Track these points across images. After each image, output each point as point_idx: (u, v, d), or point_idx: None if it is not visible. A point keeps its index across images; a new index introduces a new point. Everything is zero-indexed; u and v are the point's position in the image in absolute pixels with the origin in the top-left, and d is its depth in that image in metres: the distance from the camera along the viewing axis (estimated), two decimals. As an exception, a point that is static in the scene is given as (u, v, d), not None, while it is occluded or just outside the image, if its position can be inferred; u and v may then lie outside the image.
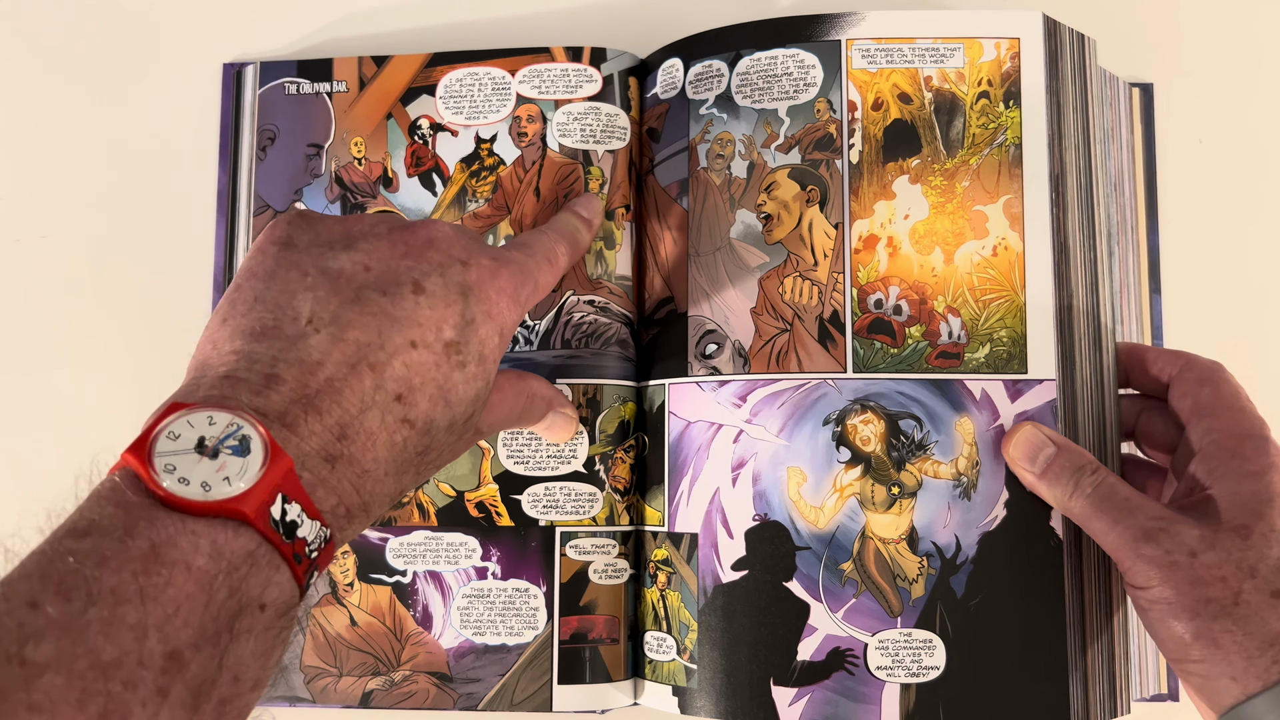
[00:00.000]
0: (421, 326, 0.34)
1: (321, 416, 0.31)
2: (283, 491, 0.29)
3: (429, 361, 0.34)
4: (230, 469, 0.29)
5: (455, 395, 0.35)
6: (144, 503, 0.28)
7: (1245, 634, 0.37)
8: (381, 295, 0.34)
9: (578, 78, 0.52)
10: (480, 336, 0.36)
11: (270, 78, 0.55)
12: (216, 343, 0.34)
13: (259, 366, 0.32)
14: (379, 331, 0.33)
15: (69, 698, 0.24)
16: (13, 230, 0.57)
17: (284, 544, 0.29)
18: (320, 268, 0.35)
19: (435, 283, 0.35)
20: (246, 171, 0.55)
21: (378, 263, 0.35)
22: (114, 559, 0.26)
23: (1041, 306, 0.46)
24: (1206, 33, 0.57)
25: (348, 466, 0.32)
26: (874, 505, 0.46)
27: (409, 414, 0.34)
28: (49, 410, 0.56)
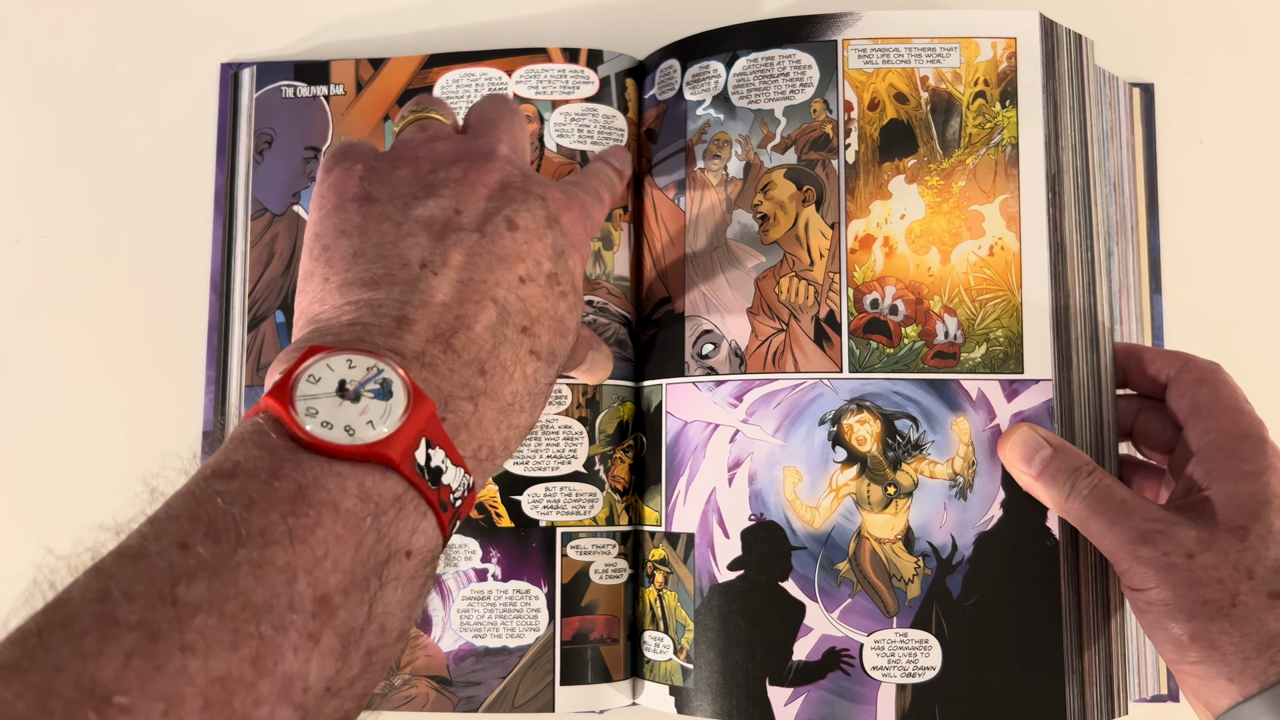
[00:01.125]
0: (524, 261, 0.35)
1: (459, 354, 0.32)
2: (426, 436, 0.29)
3: (538, 294, 0.35)
4: (373, 413, 0.29)
5: (565, 324, 0.36)
6: (288, 446, 0.28)
7: (1242, 635, 0.37)
8: (481, 236, 0.34)
9: (575, 78, 0.52)
10: (570, 266, 0.37)
11: (267, 80, 0.55)
12: (325, 300, 0.34)
13: (385, 310, 0.32)
14: (490, 269, 0.34)
15: (221, 639, 0.24)
16: (12, 230, 0.57)
17: (429, 490, 0.29)
18: (412, 216, 0.35)
19: (525, 218, 0.36)
20: (244, 172, 0.55)
21: (465, 204, 0.35)
22: (261, 501, 0.26)
23: (1038, 306, 0.46)
24: (1206, 33, 0.57)
25: (489, 402, 0.32)
26: (870, 505, 0.46)
27: (534, 345, 0.34)
28: (48, 410, 0.56)
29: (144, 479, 0.29)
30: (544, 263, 0.35)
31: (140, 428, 0.56)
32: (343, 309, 0.33)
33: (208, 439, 0.54)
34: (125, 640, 0.23)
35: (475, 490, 0.32)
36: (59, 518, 0.55)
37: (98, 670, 0.22)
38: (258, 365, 0.53)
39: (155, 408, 0.56)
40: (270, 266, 0.54)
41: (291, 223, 0.54)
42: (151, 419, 0.55)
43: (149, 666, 0.22)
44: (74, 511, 0.55)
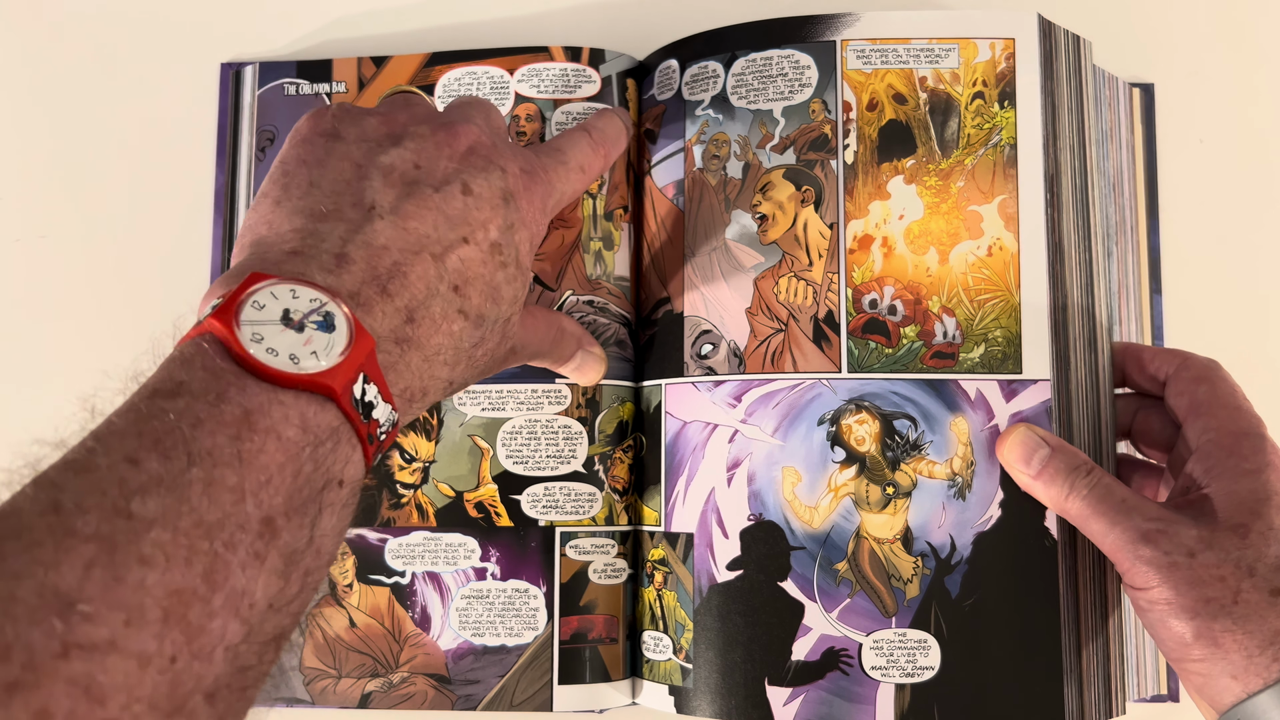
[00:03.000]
0: (470, 225, 0.35)
1: (392, 299, 0.32)
2: (364, 371, 0.30)
3: (478, 259, 0.35)
4: (316, 344, 0.29)
5: (500, 293, 0.36)
6: (233, 369, 0.28)
7: (1245, 633, 0.37)
8: (435, 192, 0.35)
9: (577, 78, 0.52)
10: (517, 240, 0.37)
11: (270, 78, 0.55)
12: (273, 223, 0.34)
13: (327, 245, 0.32)
14: (435, 225, 0.34)
15: (177, 554, 0.24)
16: (12, 230, 0.58)
17: (362, 424, 0.30)
18: (373, 160, 0.36)
19: (481, 186, 0.36)
20: (245, 171, 0.55)
21: (426, 161, 0.36)
22: (208, 421, 0.26)
23: (1036, 306, 0.46)
24: (1206, 33, 0.57)
25: (415, 350, 0.33)
26: (869, 505, 0.46)
27: (464, 305, 0.35)
28: (48, 410, 0.56)
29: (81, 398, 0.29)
30: (491, 230, 0.36)
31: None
32: (286, 235, 0.33)
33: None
34: (83, 551, 0.23)
35: (398, 426, 0.33)
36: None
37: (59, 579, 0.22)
38: None
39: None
40: (272, 264, 0.54)
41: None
42: (152, 419, 0.56)
43: (109, 577, 0.23)
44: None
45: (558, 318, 0.46)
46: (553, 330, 0.45)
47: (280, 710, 0.50)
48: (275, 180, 0.36)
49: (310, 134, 0.37)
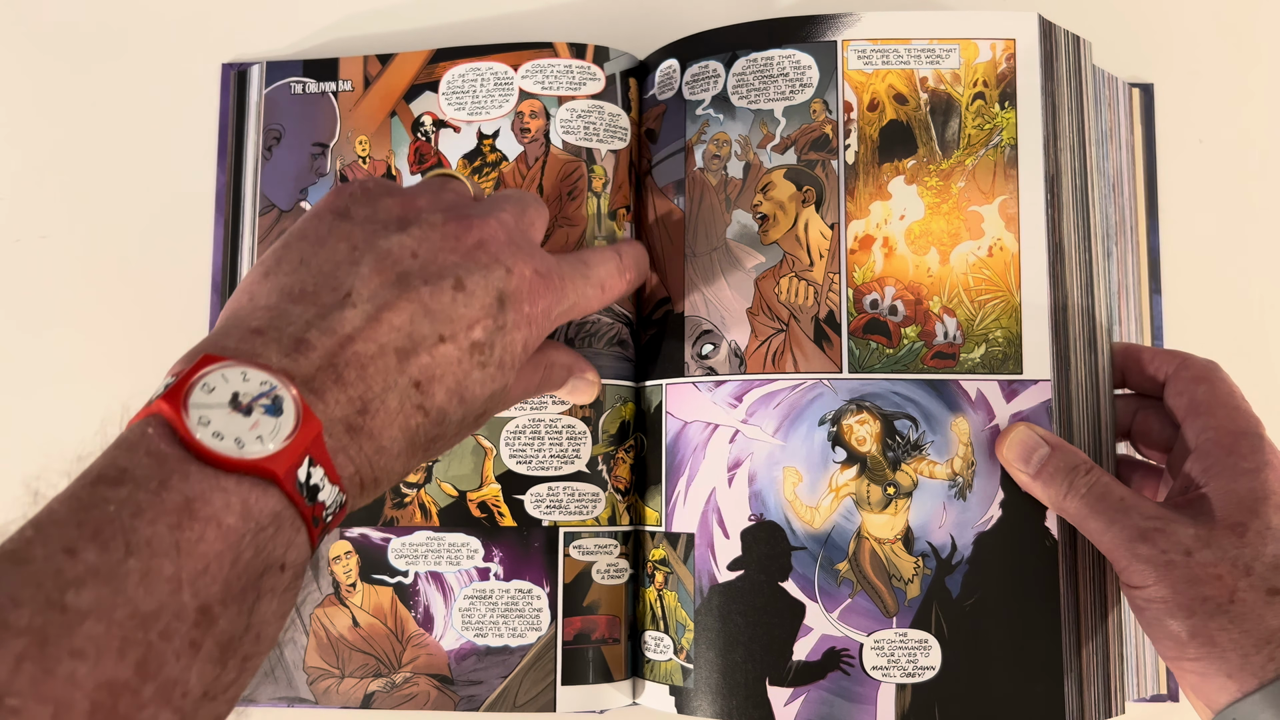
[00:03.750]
0: (453, 323, 0.35)
1: (346, 388, 0.32)
2: (310, 455, 0.30)
3: (453, 357, 0.35)
4: (263, 428, 0.29)
5: (470, 393, 0.36)
6: (177, 454, 0.28)
7: (1241, 632, 0.37)
8: (423, 284, 0.35)
9: (581, 75, 0.52)
10: (506, 343, 0.37)
11: (276, 77, 0.55)
12: (254, 295, 0.34)
13: (291, 329, 0.32)
14: (412, 319, 0.34)
15: (110, 645, 0.24)
16: (13, 230, 0.58)
17: (306, 507, 0.30)
18: (370, 244, 0.35)
19: (476, 282, 0.36)
20: (251, 171, 0.55)
21: (426, 251, 0.36)
22: (149, 510, 0.26)
23: (1037, 307, 0.46)
24: (1206, 33, 0.57)
25: (367, 440, 0.33)
26: (869, 505, 0.46)
27: (425, 402, 0.34)
28: (49, 411, 0.56)
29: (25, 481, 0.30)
30: (475, 331, 0.35)
31: (143, 428, 0.56)
32: (258, 312, 0.33)
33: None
34: (15, 645, 0.23)
35: (346, 508, 0.33)
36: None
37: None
38: None
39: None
40: (278, 262, 0.54)
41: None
42: (154, 419, 0.56)
43: (39, 670, 0.23)
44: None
45: (544, 354, 0.45)
46: (538, 373, 0.44)
47: (283, 710, 0.50)
48: (274, 251, 0.36)
49: (322, 209, 0.37)
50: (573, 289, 0.41)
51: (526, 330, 0.38)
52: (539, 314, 0.38)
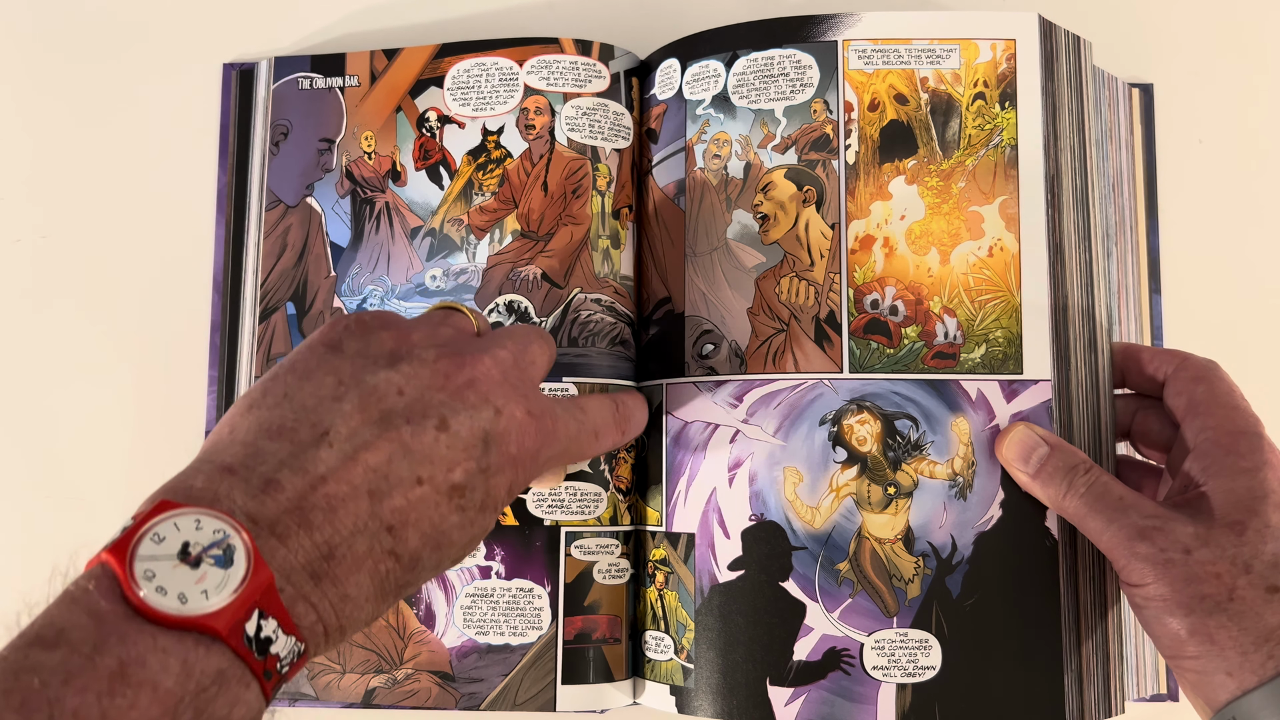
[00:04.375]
0: (433, 464, 0.34)
1: (312, 532, 0.31)
2: (260, 608, 0.29)
3: (430, 500, 0.34)
4: (210, 581, 0.28)
5: (447, 538, 0.34)
6: (116, 612, 0.27)
7: (1240, 629, 0.37)
8: (405, 424, 0.34)
9: (587, 72, 0.52)
10: (489, 486, 0.35)
11: (284, 73, 0.55)
12: (234, 428, 0.34)
13: (263, 468, 0.31)
14: (390, 459, 0.33)
15: None
16: (13, 230, 0.58)
17: (255, 661, 0.29)
18: (356, 380, 0.34)
19: (461, 423, 0.35)
20: (258, 168, 0.55)
21: (413, 388, 0.35)
22: (79, 677, 0.26)
23: (1037, 307, 0.46)
24: (1206, 33, 0.57)
25: (331, 586, 0.31)
26: (870, 505, 0.46)
27: (397, 548, 0.33)
28: (50, 411, 0.56)
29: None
30: (454, 473, 0.34)
31: (143, 428, 0.56)
32: (235, 447, 0.32)
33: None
34: None
35: (306, 657, 0.31)
36: (60, 519, 0.55)
37: None
38: (268, 357, 0.53)
39: (158, 408, 0.56)
40: (283, 258, 0.54)
41: (304, 215, 0.54)
42: (154, 420, 0.56)
43: None
44: (76, 513, 0.56)
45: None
46: None
47: (284, 706, 0.50)
48: (262, 382, 0.35)
49: (315, 341, 0.36)
50: (565, 433, 0.39)
51: (512, 473, 0.36)
52: (526, 457, 0.37)
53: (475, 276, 0.51)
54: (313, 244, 0.53)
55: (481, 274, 0.51)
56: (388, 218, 0.53)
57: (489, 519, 0.36)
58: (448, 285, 0.52)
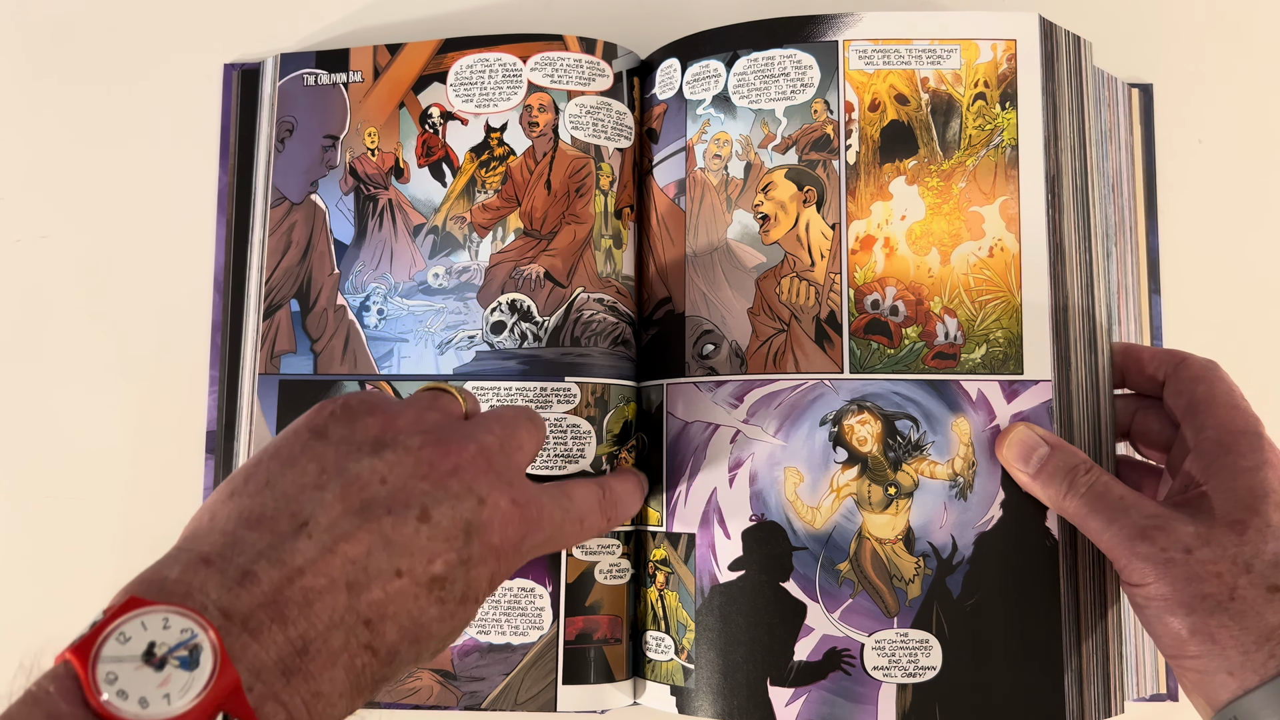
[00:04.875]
0: (413, 556, 0.33)
1: (286, 627, 0.30)
2: (225, 710, 0.28)
3: (409, 593, 0.33)
4: (174, 684, 0.28)
5: (426, 631, 0.34)
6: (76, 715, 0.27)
7: (1241, 629, 0.37)
8: (387, 514, 0.33)
9: (590, 70, 0.52)
10: (471, 577, 0.35)
11: (290, 69, 0.55)
12: (215, 515, 0.33)
13: (240, 559, 0.31)
14: (370, 550, 0.32)
15: None
16: (13, 230, 0.58)
17: None
18: (339, 468, 0.34)
19: (444, 513, 0.34)
20: (264, 165, 0.55)
21: (395, 477, 0.34)
22: None
23: (1037, 307, 0.46)
24: (1206, 33, 0.57)
25: (303, 683, 0.31)
26: (871, 505, 0.46)
27: (374, 641, 0.32)
28: (51, 411, 0.56)
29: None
30: (435, 564, 0.33)
31: (144, 428, 0.56)
32: (214, 535, 0.32)
33: (211, 439, 0.55)
34: None
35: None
36: (62, 518, 0.55)
37: None
38: (271, 353, 0.53)
39: (159, 409, 0.56)
40: (287, 255, 0.54)
41: (309, 211, 0.54)
42: (155, 420, 0.56)
43: None
44: (77, 512, 0.56)
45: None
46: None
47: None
48: (245, 467, 0.35)
49: (301, 426, 0.36)
50: (550, 521, 0.39)
51: (494, 564, 0.36)
52: (509, 547, 0.36)
53: (478, 275, 0.51)
54: (316, 241, 0.53)
55: (484, 272, 0.51)
56: (390, 215, 0.53)
57: (470, 611, 0.35)
58: (450, 283, 0.51)
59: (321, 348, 0.52)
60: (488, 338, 0.51)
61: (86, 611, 0.30)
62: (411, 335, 0.51)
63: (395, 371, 0.51)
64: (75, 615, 0.32)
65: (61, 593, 0.55)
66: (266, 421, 0.52)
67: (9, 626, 0.55)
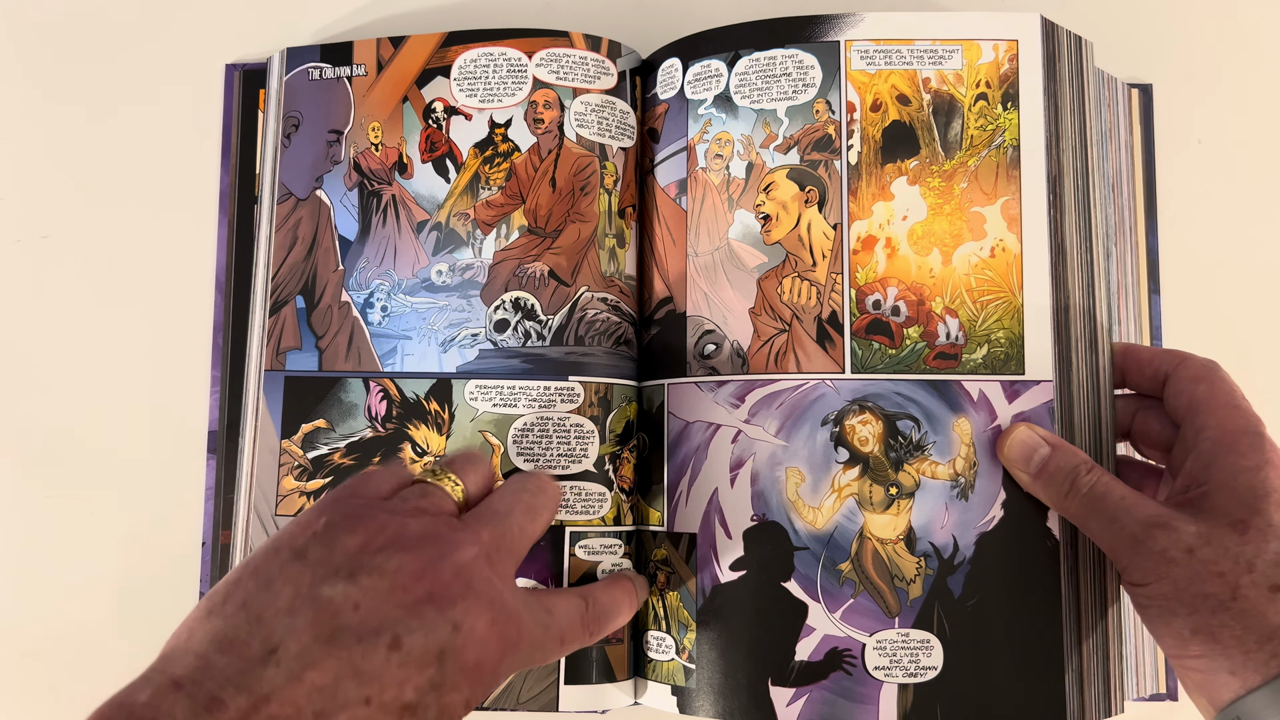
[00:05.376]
0: (383, 684, 0.33)
1: None
2: None
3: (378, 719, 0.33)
4: None
5: None
6: None
7: (1244, 628, 0.37)
8: (357, 642, 0.33)
9: (596, 68, 0.52)
10: (444, 703, 0.34)
11: (296, 63, 0.55)
12: (192, 634, 0.33)
13: (210, 684, 0.31)
14: (337, 678, 0.32)
15: None
16: (14, 230, 0.57)
17: None
18: (313, 594, 0.34)
19: (416, 640, 0.34)
20: (270, 161, 0.54)
21: (368, 604, 0.34)
22: None
23: (1039, 308, 0.46)
24: (1206, 33, 0.57)
25: None
26: (872, 506, 0.46)
27: None
28: (53, 410, 0.56)
29: None
30: (406, 690, 0.33)
31: (145, 428, 0.56)
32: (188, 657, 0.32)
33: (213, 439, 0.54)
34: None
35: None
36: (63, 518, 0.55)
37: None
38: (277, 349, 0.53)
39: (160, 409, 0.56)
40: (293, 251, 0.53)
41: (314, 207, 0.53)
42: (157, 420, 0.56)
43: None
44: (78, 512, 0.55)
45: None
46: None
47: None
48: (225, 584, 0.35)
49: (282, 544, 0.36)
50: (529, 640, 0.38)
51: (469, 689, 0.35)
52: (486, 671, 0.36)
53: (481, 272, 0.51)
54: (322, 237, 0.53)
55: (488, 269, 0.51)
56: (394, 211, 0.52)
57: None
58: (454, 280, 0.51)
59: (326, 344, 0.52)
60: (491, 336, 0.50)
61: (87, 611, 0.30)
62: (415, 332, 0.51)
63: (399, 369, 0.51)
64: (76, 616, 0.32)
65: (62, 593, 0.54)
66: (271, 418, 0.52)
67: (9, 626, 0.55)
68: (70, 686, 0.54)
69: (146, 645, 0.34)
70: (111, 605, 0.54)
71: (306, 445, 0.52)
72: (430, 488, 0.40)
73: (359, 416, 0.51)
